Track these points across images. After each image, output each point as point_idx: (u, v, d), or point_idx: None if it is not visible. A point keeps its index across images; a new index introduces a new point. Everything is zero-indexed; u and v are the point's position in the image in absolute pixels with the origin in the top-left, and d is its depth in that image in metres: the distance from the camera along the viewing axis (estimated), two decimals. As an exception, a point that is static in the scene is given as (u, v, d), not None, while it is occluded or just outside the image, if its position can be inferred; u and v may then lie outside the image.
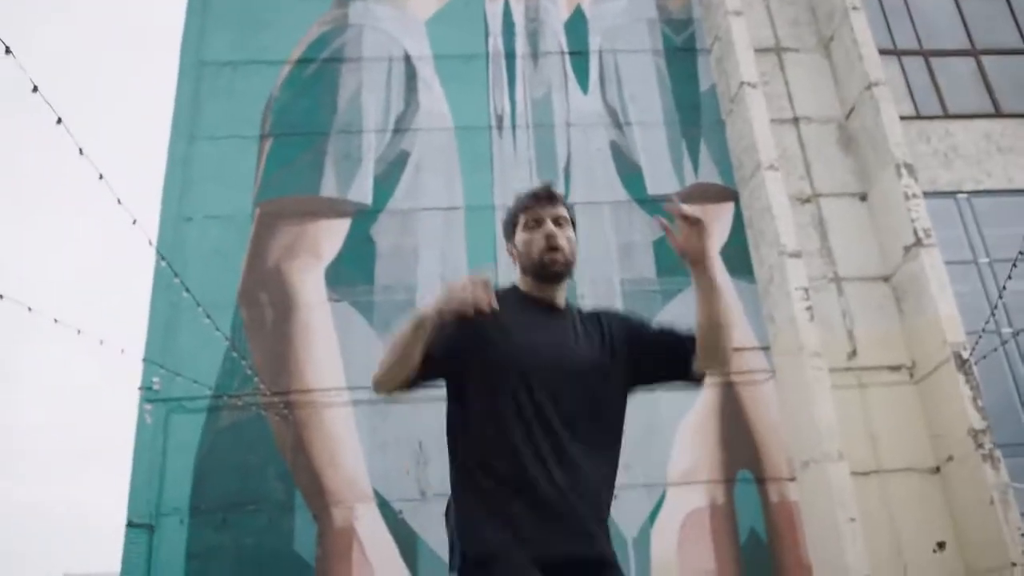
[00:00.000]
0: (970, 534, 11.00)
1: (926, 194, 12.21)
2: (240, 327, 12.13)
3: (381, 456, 11.50)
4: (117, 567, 11.34)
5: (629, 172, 13.34)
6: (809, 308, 11.38)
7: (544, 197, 2.33)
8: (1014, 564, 10.24)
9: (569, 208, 2.40)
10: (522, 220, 2.36)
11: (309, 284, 12.35)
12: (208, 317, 10.64)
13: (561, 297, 2.39)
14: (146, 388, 11.80)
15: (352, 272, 12.44)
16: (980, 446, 10.79)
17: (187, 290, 10.79)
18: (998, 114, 13.74)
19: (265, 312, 12.25)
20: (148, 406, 11.73)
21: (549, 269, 2.32)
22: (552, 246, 2.30)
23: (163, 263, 11.69)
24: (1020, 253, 10.83)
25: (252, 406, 11.71)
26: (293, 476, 11.40)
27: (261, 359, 11.92)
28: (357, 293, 12.32)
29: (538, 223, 2.33)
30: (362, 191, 12.96)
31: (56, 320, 8.73)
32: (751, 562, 11.09)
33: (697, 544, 11.10)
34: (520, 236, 2.36)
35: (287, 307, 12.24)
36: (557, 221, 2.33)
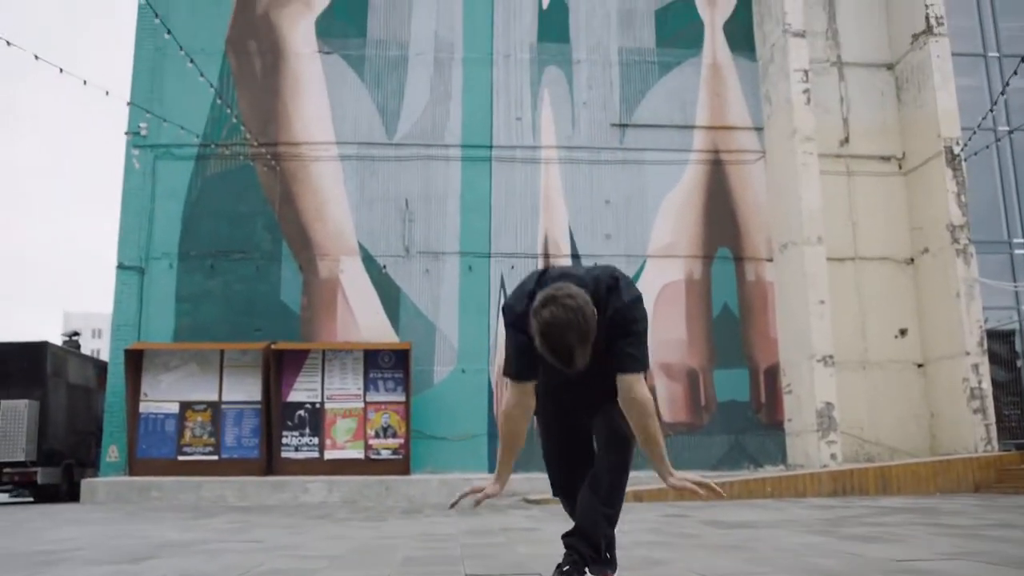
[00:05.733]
0: (932, 323, 12.79)
1: (946, -21, 13.08)
2: (228, 75, 13.34)
3: (367, 212, 13.06)
4: (111, 308, 13.19)
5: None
6: (807, 91, 12.57)
7: (566, 364, 2.73)
8: (968, 353, 12.05)
9: (588, 344, 2.72)
10: (550, 359, 2.76)
11: (299, 34, 13.45)
12: (192, 62, 11.67)
13: None
14: (133, 133, 13.15)
15: (344, 24, 13.51)
16: (956, 241, 12.35)
17: (168, 32, 11.84)
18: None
19: (253, 61, 13.41)
20: (136, 151, 13.12)
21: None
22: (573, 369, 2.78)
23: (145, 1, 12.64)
24: (1030, 48, 11.84)
25: (240, 156, 13.12)
26: (280, 227, 13.01)
27: (248, 109, 13.22)
28: (348, 46, 13.45)
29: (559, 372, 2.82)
30: (357, -61, 13.72)
31: (37, 57, 9.86)
32: (721, 335, 12.94)
33: (671, 315, 12.89)
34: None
35: (276, 57, 13.41)
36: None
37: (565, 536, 3.02)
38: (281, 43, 13.46)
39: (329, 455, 12.57)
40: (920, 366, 12.88)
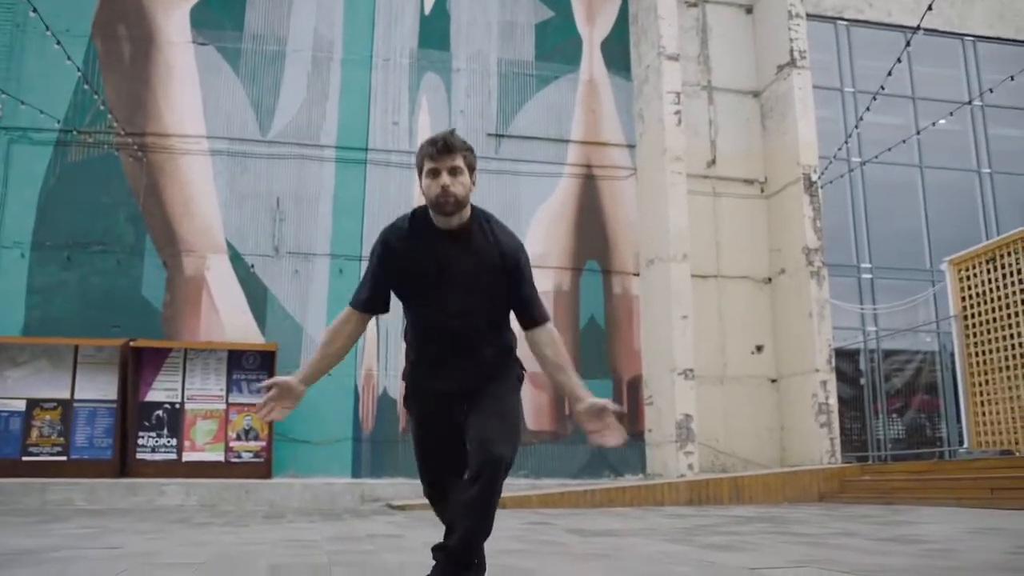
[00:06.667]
0: (786, 341, 13.54)
1: (809, 16, 13.95)
2: (94, 59, 12.92)
3: (237, 209, 12.88)
4: (-49, 295, 12.52)
5: (524, -48, 14.39)
6: (678, 112, 13.14)
7: (441, 150, 3.01)
8: (817, 370, 12.82)
9: (466, 152, 3.06)
10: (424, 168, 3.04)
11: (173, 22, 13.16)
12: (59, 43, 11.23)
13: (458, 220, 3.14)
14: (-15, 113, 12.55)
15: (220, 15, 13.30)
16: (811, 263, 13.11)
17: (35, 10, 11.34)
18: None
19: (123, 47, 13.04)
20: (-12, 132, 12.52)
21: (442, 210, 3.05)
22: (445, 195, 3.01)
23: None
24: (881, 87, 12.77)
25: (104, 144, 12.72)
26: (145, 220, 12.67)
27: (115, 96, 12.83)
28: (224, 38, 13.25)
29: (436, 173, 3.01)
30: (238, -71, 13.55)
31: None
32: (587, 346, 13.34)
33: (539, 325, 13.17)
34: (423, 181, 3.05)
35: (148, 44, 13.07)
36: (453, 171, 3.01)
37: (435, 549, 3.13)
38: (153, 30, 13.14)
39: (188, 457, 12.31)
40: (774, 381, 13.62)
